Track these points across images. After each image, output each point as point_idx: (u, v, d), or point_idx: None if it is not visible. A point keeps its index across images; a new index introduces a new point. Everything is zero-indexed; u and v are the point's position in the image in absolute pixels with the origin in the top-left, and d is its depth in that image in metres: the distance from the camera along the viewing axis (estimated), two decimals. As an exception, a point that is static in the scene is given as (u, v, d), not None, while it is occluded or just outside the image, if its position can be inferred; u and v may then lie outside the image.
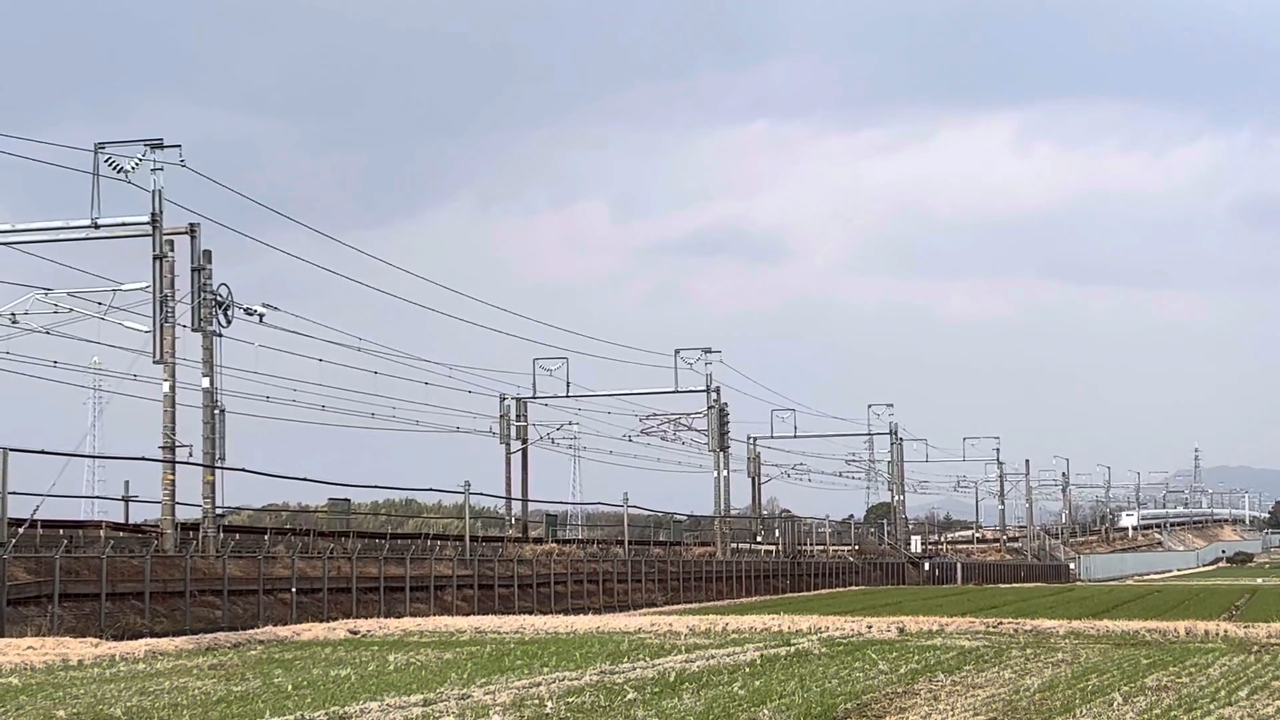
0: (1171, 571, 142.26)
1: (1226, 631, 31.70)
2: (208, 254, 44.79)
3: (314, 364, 53.54)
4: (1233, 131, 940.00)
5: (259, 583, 42.37)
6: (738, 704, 18.43)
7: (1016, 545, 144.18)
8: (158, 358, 43.45)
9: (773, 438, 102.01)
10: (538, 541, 72.42)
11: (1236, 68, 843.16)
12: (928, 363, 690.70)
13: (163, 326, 43.34)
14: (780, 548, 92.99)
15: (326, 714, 17.69)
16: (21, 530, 37.83)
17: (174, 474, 44.24)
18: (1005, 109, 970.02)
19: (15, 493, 37.89)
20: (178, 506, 44.85)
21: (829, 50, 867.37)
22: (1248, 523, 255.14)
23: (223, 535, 46.61)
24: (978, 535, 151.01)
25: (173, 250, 43.80)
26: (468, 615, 42.99)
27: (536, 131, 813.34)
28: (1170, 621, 34.62)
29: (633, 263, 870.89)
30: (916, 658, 25.46)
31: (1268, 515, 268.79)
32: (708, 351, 78.94)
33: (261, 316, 47.41)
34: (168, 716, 18.14)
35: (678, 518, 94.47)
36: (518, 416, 78.09)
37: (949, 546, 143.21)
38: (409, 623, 37.53)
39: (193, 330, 44.96)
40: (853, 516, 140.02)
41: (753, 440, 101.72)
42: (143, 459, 44.72)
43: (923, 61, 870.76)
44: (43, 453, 41.79)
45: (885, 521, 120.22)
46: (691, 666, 23.72)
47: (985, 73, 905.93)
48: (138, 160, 42.98)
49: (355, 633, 34.04)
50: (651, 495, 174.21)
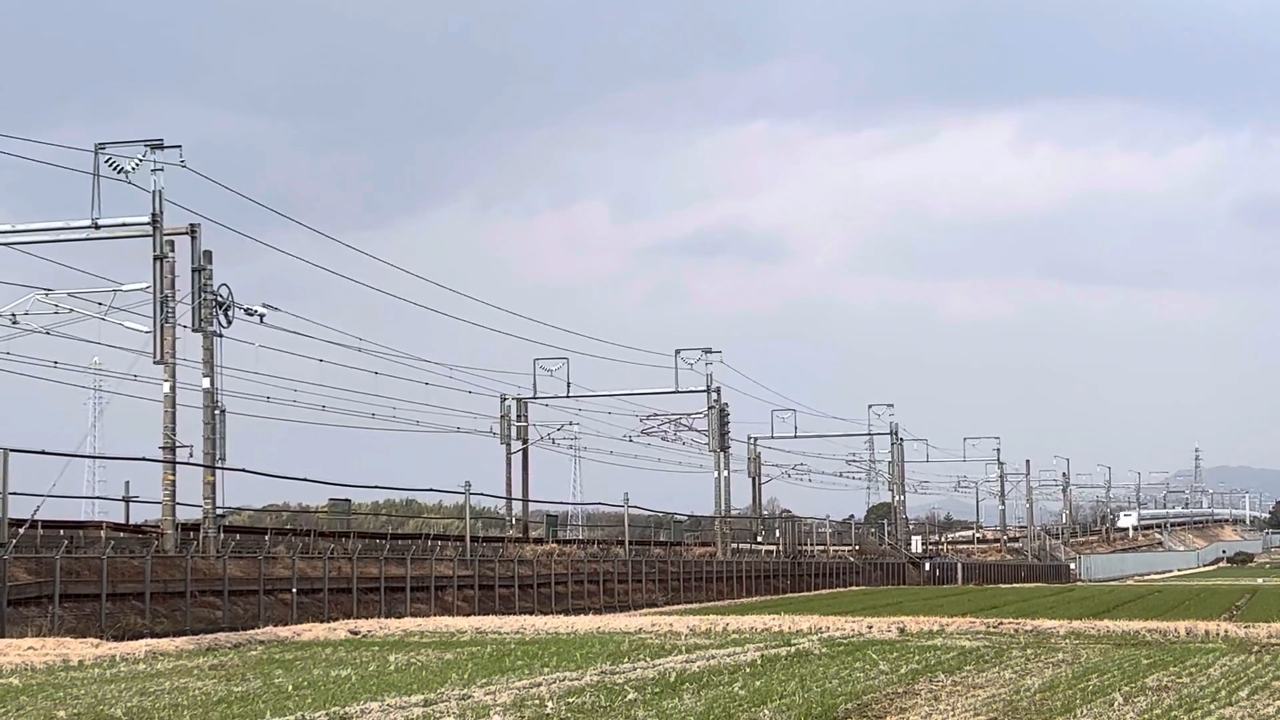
0: (1172, 572, 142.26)
1: (1227, 632, 31.69)
2: (208, 254, 44.81)
3: (314, 364, 53.60)
4: (1233, 131, 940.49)
5: (259, 583, 42.38)
6: (738, 704, 18.44)
7: (1017, 545, 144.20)
8: (158, 358, 43.48)
9: (773, 438, 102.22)
10: (538, 542, 72.40)
11: (1237, 68, 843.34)
12: (928, 363, 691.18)
13: (163, 327, 43.37)
14: (781, 548, 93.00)
15: (327, 714, 17.69)
16: (22, 531, 37.85)
17: (174, 474, 44.25)
18: (1005, 109, 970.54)
19: (16, 493, 37.96)
20: (178, 507, 44.88)
21: (829, 50, 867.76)
22: (1248, 523, 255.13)
23: (223, 536, 46.61)
24: (978, 535, 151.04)
25: (173, 251, 43.83)
26: (468, 615, 43.00)
27: (537, 132, 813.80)
28: (1171, 622, 34.62)
29: (633, 263, 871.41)
30: (917, 658, 25.46)
31: (1268, 515, 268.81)
32: (708, 352, 79.00)
33: (262, 317, 47.43)
34: (168, 717, 18.14)
35: (678, 518, 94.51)
36: (518, 417, 78.10)
37: (949, 547, 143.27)
38: (409, 623, 37.54)
39: (193, 330, 44.98)
40: (853, 517, 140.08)
41: (753, 440, 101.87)
42: (143, 459, 44.77)
43: (923, 61, 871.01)
44: (43, 453, 41.85)
45: (886, 522, 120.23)
46: (692, 667, 23.72)
47: (985, 73, 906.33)
48: (138, 161, 43.02)
49: (356, 633, 34.04)
50: (652, 495, 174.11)
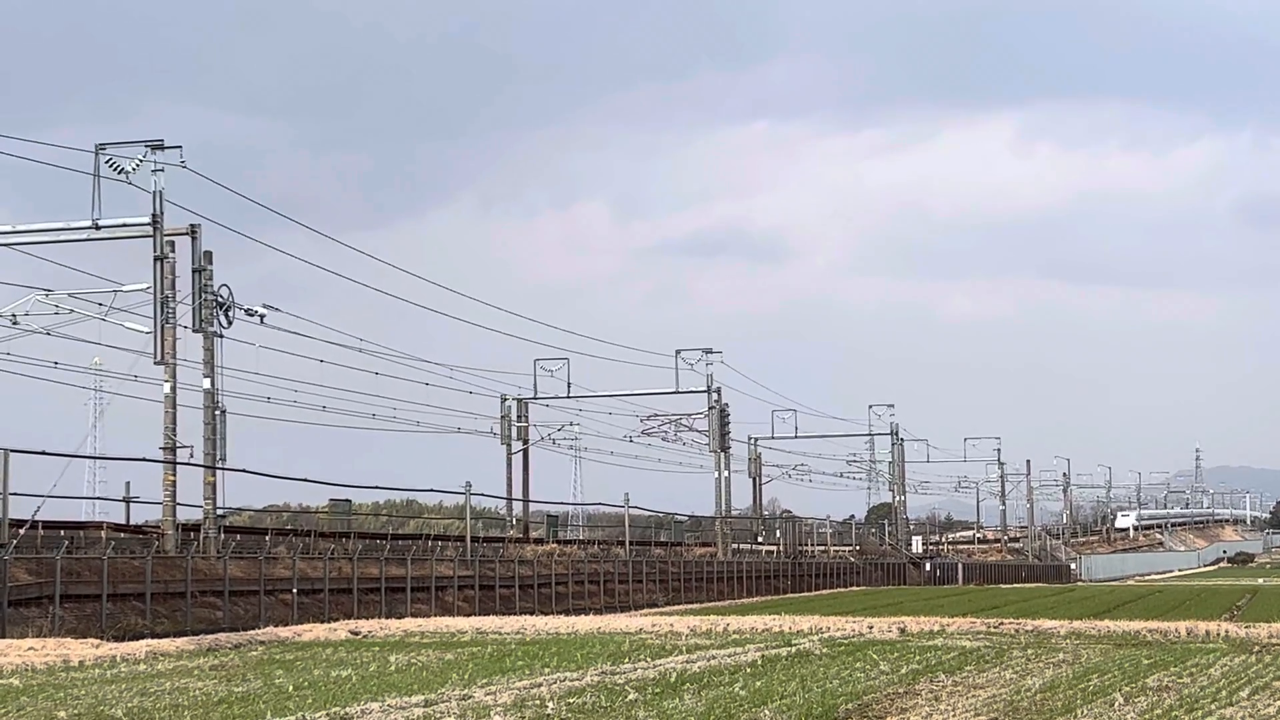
0: (1173, 572, 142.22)
1: (1228, 632, 31.68)
2: (208, 255, 44.80)
3: (315, 365, 53.61)
4: (1234, 131, 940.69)
5: (260, 583, 42.37)
6: (739, 704, 18.43)
7: (1017, 545, 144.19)
8: (158, 358, 43.47)
9: (773, 438, 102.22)
10: (539, 542, 72.38)
11: (1238, 68, 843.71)
12: (928, 363, 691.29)
13: (164, 327, 43.36)
14: (781, 548, 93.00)
15: (328, 714, 17.69)
16: (23, 531, 37.86)
17: (175, 475, 44.25)
18: (1006, 109, 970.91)
19: (16, 494, 37.99)
20: (179, 507, 44.86)
21: (829, 50, 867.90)
22: (1249, 523, 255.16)
23: (224, 536, 46.60)
24: (979, 535, 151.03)
25: (173, 251, 43.83)
26: (469, 616, 43.00)
27: (537, 132, 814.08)
28: (1171, 622, 34.62)
29: (633, 263, 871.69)
30: (918, 658, 25.46)
31: (1269, 515, 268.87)
32: (708, 352, 78.97)
33: (262, 317, 47.42)
34: (169, 717, 18.15)
35: (679, 518, 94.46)
36: (519, 417, 78.08)
37: (950, 547, 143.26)
38: (410, 623, 37.54)
39: (193, 331, 44.97)
40: (854, 517, 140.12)
41: (753, 441, 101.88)
42: (144, 460, 44.79)
43: (923, 62, 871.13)
44: (44, 454, 41.88)
45: (886, 522, 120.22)
46: (692, 667, 23.72)
47: (986, 73, 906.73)
48: (138, 161, 43.03)
49: (356, 633, 34.03)
50: (652, 496, 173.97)
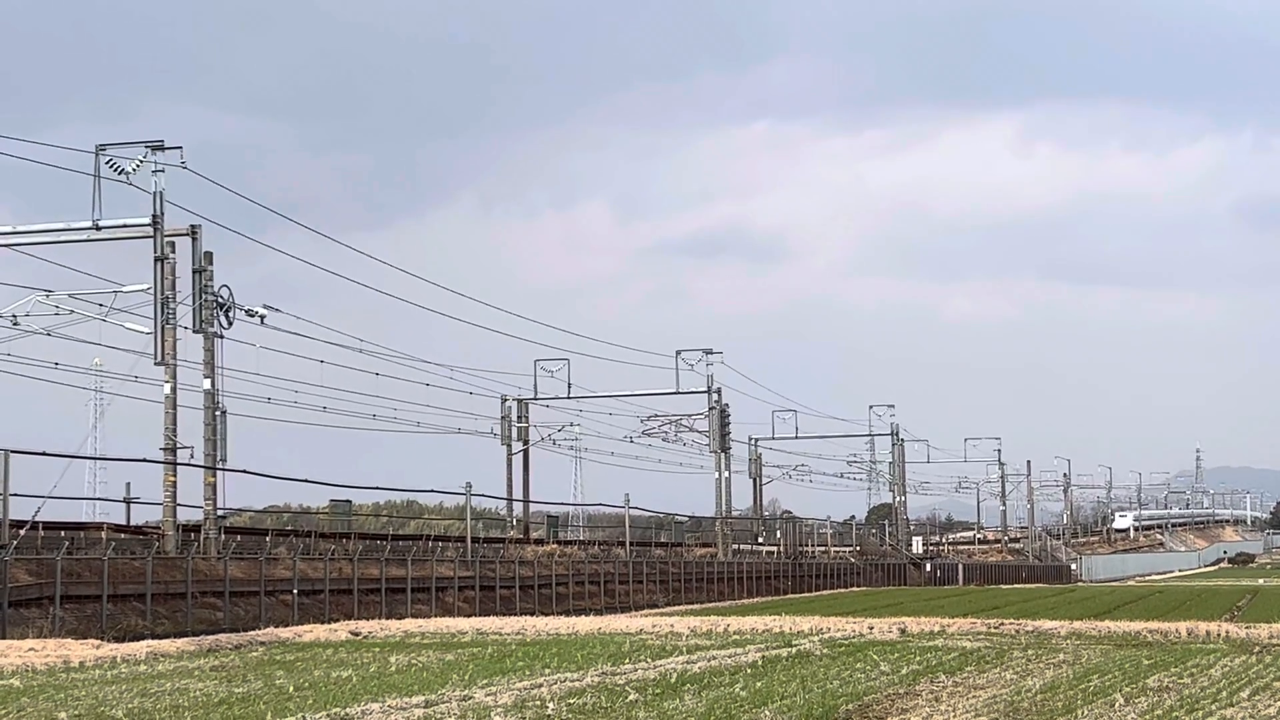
0: (1173, 572, 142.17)
1: (1228, 632, 31.68)
2: (209, 255, 44.79)
3: (315, 365, 53.60)
4: (1235, 132, 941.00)
5: (260, 584, 42.36)
6: (739, 705, 18.43)
7: (1018, 546, 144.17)
8: (159, 359, 43.46)
9: (774, 439, 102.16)
10: (539, 543, 72.37)
11: (1238, 68, 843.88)
12: (929, 363, 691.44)
13: (164, 328, 43.35)
14: (781, 549, 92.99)
15: (328, 715, 17.69)
16: (23, 532, 37.87)
17: (175, 475, 44.25)
18: (1007, 109, 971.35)
19: (17, 494, 38.04)
20: (179, 508, 44.85)
21: (830, 51, 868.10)
22: (1249, 523, 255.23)
23: (224, 537, 46.59)
24: (979, 536, 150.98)
25: (174, 252, 43.81)
26: (469, 616, 43.00)
27: (538, 133, 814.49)
28: (1172, 622, 34.61)
29: (634, 264, 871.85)
30: (918, 659, 25.45)
31: (1269, 516, 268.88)
32: (709, 352, 78.91)
33: (263, 318, 47.39)
34: (169, 718, 18.15)
35: (679, 519, 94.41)
36: (519, 417, 78.06)
37: (950, 547, 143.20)
38: (410, 624, 37.54)
39: (194, 332, 44.95)
40: (854, 517, 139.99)
41: (754, 441, 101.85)
42: (144, 460, 44.79)
43: (924, 62, 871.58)
44: (44, 454, 41.92)
45: (886, 522, 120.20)
46: (693, 667, 23.72)
47: (987, 73, 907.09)
48: (139, 162, 43.01)
49: (357, 634, 34.03)
50: (653, 496, 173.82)
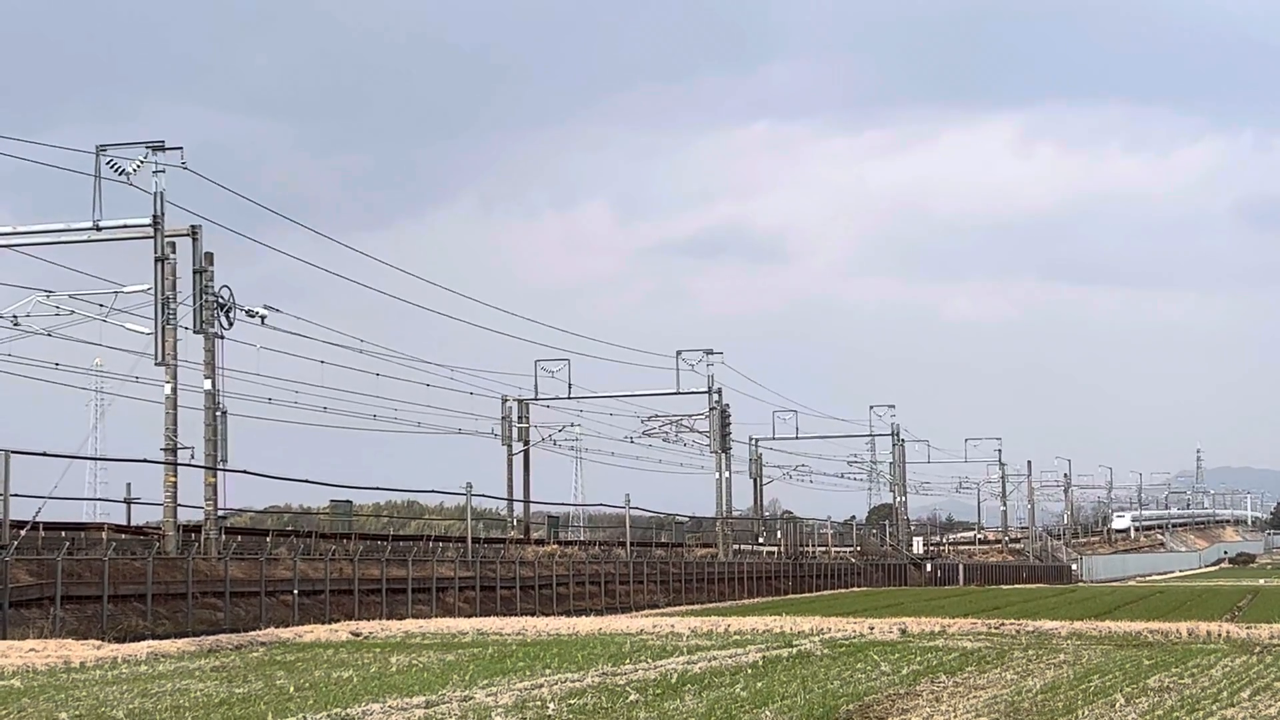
0: (1174, 572, 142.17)
1: (1229, 632, 31.68)
2: (209, 256, 44.78)
3: (316, 365, 53.59)
4: (1235, 132, 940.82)
5: (261, 584, 42.37)
6: (740, 705, 18.43)
7: (1018, 546, 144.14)
8: (159, 360, 43.46)
9: (774, 439, 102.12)
10: (539, 543, 72.39)
11: (1238, 68, 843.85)
12: (930, 364, 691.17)
13: (164, 328, 43.34)
14: (782, 549, 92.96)
15: (329, 715, 17.69)
16: (24, 532, 37.87)
17: (176, 476, 44.25)
18: (1007, 110, 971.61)
19: (17, 495, 38.09)
20: (179, 508, 44.83)
21: (831, 51, 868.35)
22: (1250, 523, 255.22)
23: (225, 537, 46.60)
24: (980, 536, 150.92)
25: (174, 252, 43.80)
26: (470, 617, 43.01)
27: (538, 133, 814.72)
28: (1172, 622, 34.62)
29: (634, 264, 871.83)
30: (919, 659, 25.45)
31: (1270, 516, 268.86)
32: (709, 353, 78.90)
33: (263, 318, 47.38)
34: (170, 718, 18.15)
35: (679, 519, 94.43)
36: (519, 418, 78.04)
37: (951, 548, 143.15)
38: (411, 624, 37.54)
39: (194, 332, 44.94)
40: (854, 518, 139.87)
41: (754, 441, 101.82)
42: (145, 461, 44.78)
43: (925, 62, 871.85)
44: (45, 455, 41.94)
45: (887, 523, 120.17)
46: (693, 668, 23.71)
47: (987, 74, 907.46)
48: (139, 162, 43.01)
49: (357, 634, 34.03)
50: (653, 497, 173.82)
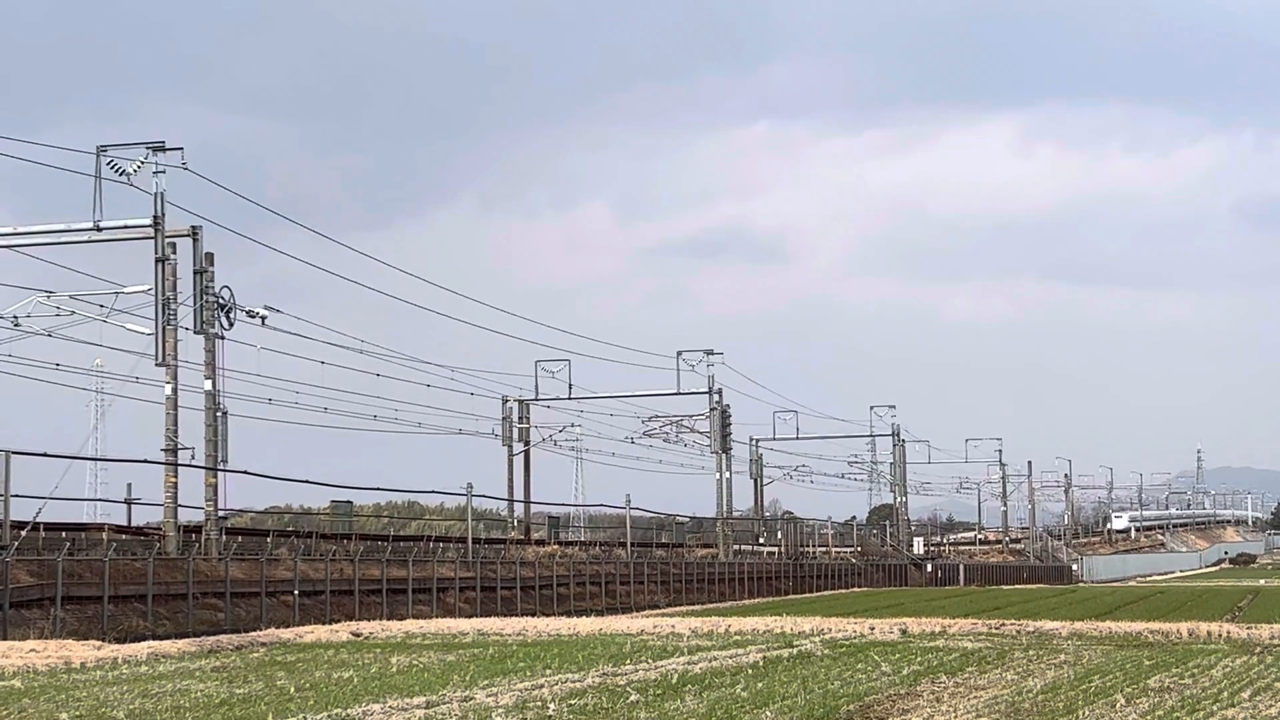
0: (1174, 573, 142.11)
1: (1229, 633, 31.68)
2: (210, 256, 44.78)
3: (316, 366, 53.59)
4: (1236, 132, 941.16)
5: (261, 585, 42.36)
6: (740, 706, 18.43)
7: (1019, 547, 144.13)
8: (160, 360, 43.46)
9: (775, 439, 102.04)
10: (540, 543, 72.37)
11: (1239, 68, 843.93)
12: (930, 364, 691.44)
13: (165, 329, 43.35)
14: (782, 549, 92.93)
15: (329, 716, 17.70)
16: (24, 533, 37.87)
17: (176, 476, 44.24)
18: (1008, 110, 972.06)
19: (18, 495, 38.09)
20: (180, 509, 44.82)
21: (831, 52, 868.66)
22: (1250, 524, 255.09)
23: (225, 538, 46.58)
24: (980, 537, 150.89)
25: (175, 253, 43.81)
26: (470, 617, 43.02)
27: (538, 133, 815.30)
28: (1173, 623, 34.62)
29: (635, 264, 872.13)
30: (919, 659, 25.46)
31: (1270, 516, 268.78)
32: (710, 353, 78.88)
33: (264, 319, 47.38)
34: (170, 719, 18.15)
35: (680, 519, 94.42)
36: (520, 418, 78.02)
37: (951, 548, 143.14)
38: (411, 625, 37.54)
39: (195, 333, 44.94)
40: (855, 518, 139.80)
41: (755, 442, 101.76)
42: (145, 461, 44.79)
43: (925, 63, 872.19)
44: (45, 455, 41.93)
45: (887, 523, 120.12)
46: (694, 668, 23.72)
47: (988, 74, 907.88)
48: (140, 163, 43.02)
49: (358, 635, 34.03)
50: (654, 497, 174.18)
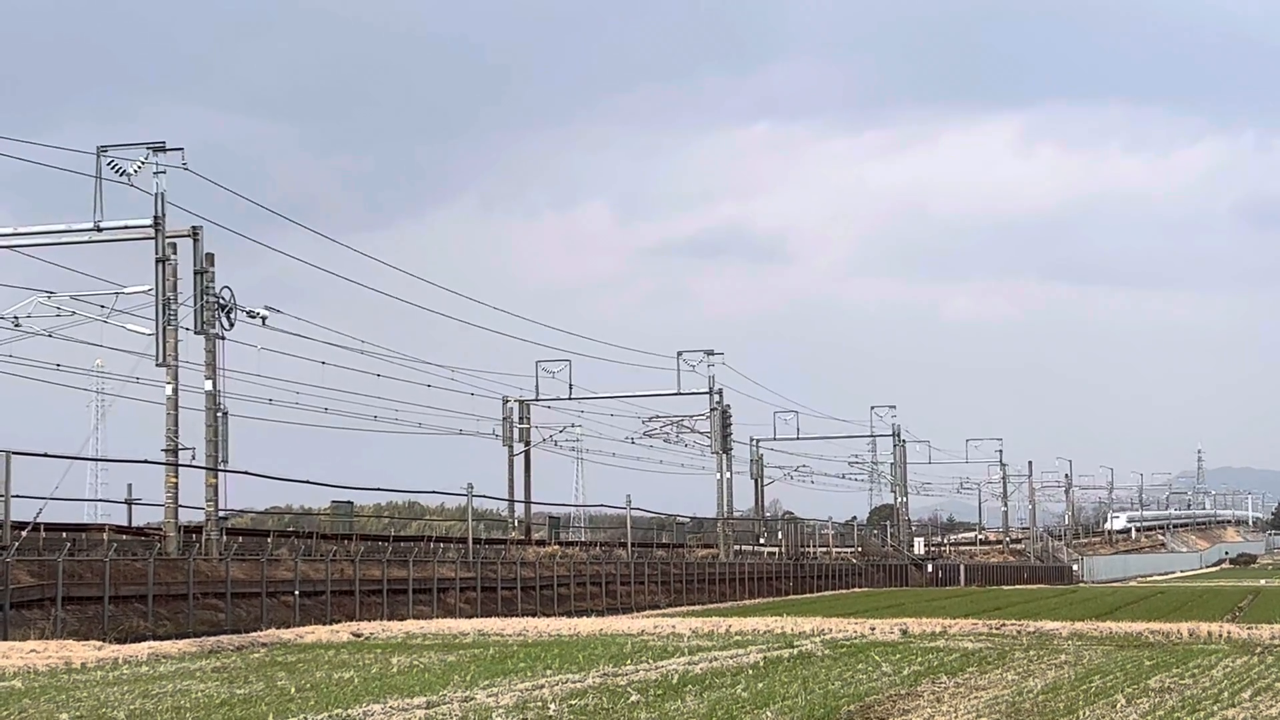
0: (1175, 573, 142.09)
1: (1230, 633, 31.68)
2: (210, 257, 44.79)
3: (316, 366, 53.62)
4: (1236, 132, 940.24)
5: (262, 585, 42.37)
6: (741, 706, 18.43)
7: (1019, 547, 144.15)
8: (160, 360, 43.48)
9: (775, 439, 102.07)
10: (540, 544, 72.36)
11: (1239, 68, 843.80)
12: (930, 364, 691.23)
13: (165, 329, 43.36)
14: (783, 550, 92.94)
15: (330, 716, 17.70)
16: (25, 533, 37.88)
17: (177, 477, 44.25)
18: (1008, 110, 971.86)
19: (19, 496, 38.09)
20: (180, 509, 44.83)
21: (832, 52, 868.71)
22: (1251, 524, 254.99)
23: (225, 538, 46.59)
24: (980, 537, 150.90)
25: (175, 253, 43.82)
26: (470, 617, 43.02)
27: (539, 133, 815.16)
28: (1173, 623, 34.63)
29: (635, 264, 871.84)
30: (920, 659, 25.46)
31: (1271, 516, 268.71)
32: (710, 353, 78.90)
33: (264, 319, 47.39)
34: (171, 719, 18.14)
35: (680, 520, 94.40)
36: (520, 419, 78.04)
37: (952, 548, 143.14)
38: (412, 625, 37.54)
39: (195, 333, 44.95)
40: (855, 518, 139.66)
41: (755, 442, 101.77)
42: (145, 462, 44.82)
43: (925, 63, 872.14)
44: (46, 456, 41.93)
45: (888, 523, 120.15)
46: (694, 669, 23.72)
47: (988, 74, 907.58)
48: (140, 163, 43.04)
49: (358, 635, 34.03)
50: (654, 497, 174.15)
